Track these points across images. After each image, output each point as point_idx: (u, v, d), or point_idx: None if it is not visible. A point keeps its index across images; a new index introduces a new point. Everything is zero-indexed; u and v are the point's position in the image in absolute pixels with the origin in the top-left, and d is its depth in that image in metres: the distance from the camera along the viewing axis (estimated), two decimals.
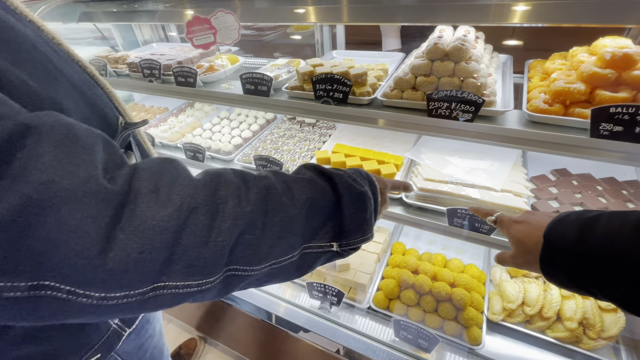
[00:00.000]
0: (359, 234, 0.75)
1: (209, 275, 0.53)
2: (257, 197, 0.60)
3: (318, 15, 1.46)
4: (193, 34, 1.57)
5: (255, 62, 2.11)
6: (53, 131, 0.44)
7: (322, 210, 0.70)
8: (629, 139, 0.92)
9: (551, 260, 0.67)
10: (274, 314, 1.74)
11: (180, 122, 2.37)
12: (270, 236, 0.60)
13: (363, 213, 0.75)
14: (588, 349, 1.36)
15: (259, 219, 0.59)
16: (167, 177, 0.52)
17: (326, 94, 1.35)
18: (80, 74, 0.74)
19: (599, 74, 1.03)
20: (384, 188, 0.94)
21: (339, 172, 0.77)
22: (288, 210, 0.63)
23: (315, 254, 0.71)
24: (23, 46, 0.56)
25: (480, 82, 1.14)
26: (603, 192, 1.35)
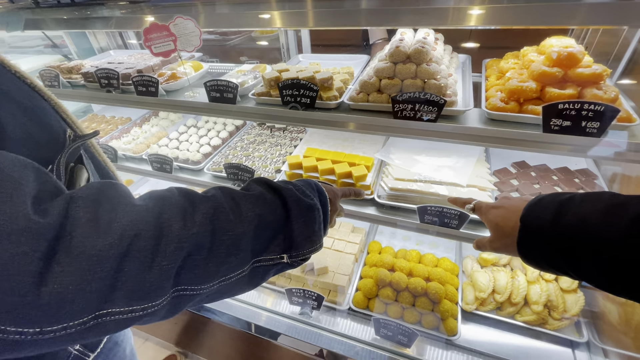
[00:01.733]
0: (308, 245, 0.77)
1: (155, 299, 0.52)
2: (203, 218, 0.59)
3: (281, 21, 1.45)
4: (152, 42, 1.51)
5: (221, 68, 2.06)
6: None
7: (272, 225, 0.71)
8: (576, 132, 0.99)
9: (528, 243, 0.69)
10: (254, 323, 1.71)
11: (144, 132, 2.27)
12: (219, 255, 0.60)
13: (312, 225, 0.78)
14: (554, 329, 1.45)
15: (206, 239, 0.59)
16: (107, 204, 0.51)
17: (293, 99, 1.34)
18: (20, 85, 0.70)
19: (547, 72, 1.10)
20: (334, 197, 0.97)
21: (287, 187, 0.79)
22: (236, 228, 0.64)
23: (266, 267, 0.72)
24: None
25: (442, 82, 1.18)
26: (558, 182, 1.45)
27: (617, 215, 0.57)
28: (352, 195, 1.14)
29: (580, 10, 1.00)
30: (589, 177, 1.45)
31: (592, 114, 0.95)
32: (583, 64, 1.09)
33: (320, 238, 0.82)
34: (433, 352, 1.48)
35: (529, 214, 0.71)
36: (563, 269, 0.65)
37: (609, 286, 0.59)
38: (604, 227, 0.57)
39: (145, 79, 1.63)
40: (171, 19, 1.45)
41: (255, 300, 1.82)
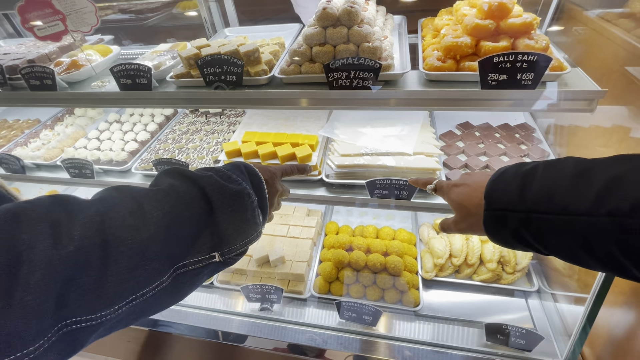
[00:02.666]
0: (241, 237, 0.68)
1: (28, 345, 0.41)
2: (84, 230, 0.47)
3: None
4: (33, 23, 1.24)
5: (136, 52, 1.80)
6: None
7: (191, 221, 0.61)
8: (513, 85, 0.95)
9: (494, 221, 0.64)
10: (213, 329, 1.58)
11: (57, 134, 1.96)
12: (117, 272, 0.49)
13: (242, 214, 0.68)
14: (508, 283, 1.50)
15: (93, 255, 0.47)
16: None
17: (217, 78, 1.18)
18: None
19: (480, 25, 1.04)
20: (271, 178, 0.87)
21: (206, 174, 0.68)
22: (138, 234, 0.52)
23: (193, 271, 0.62)
24: None
25: (375, 45, 1.08)
26: (501, 139, 1.45)
27: (584, 184, 0.52)
28: (296, 173, 1.02)
29: None
30: (528, 130, 1.47)
31: (526, 64, 0.91)
32: (514, 14, 1.05)
33: (257, 226, 0.72)
34: (400, 326, 1.47)
35: (493, 190, 0.65)
36: (532, 245, 0.61)
37: (579, 260, 0.56)
38: (571, 200, 0.52)
39: (36, 71, 1.35)
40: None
41: (211, 304, 1.68)
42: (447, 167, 1.34)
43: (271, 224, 1.87)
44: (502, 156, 1.37)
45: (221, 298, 1.69)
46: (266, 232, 1.82)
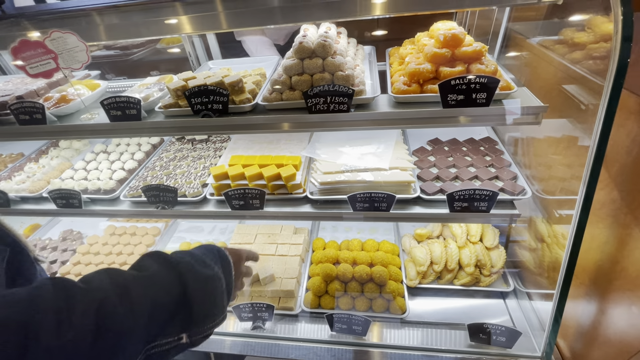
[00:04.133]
0: (209, 321, 0.75)
1: None
2: (82, 318, 0.54)
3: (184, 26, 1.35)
4: (26, 62, 1.31)
5: (123, 85, 1.88)
6: None
7: (168, 306, 0.68)
8: (470, 104, 1.09)
9: None
10: (204, 351, 1.58)
11: (42, 167, 1.98)
12: (101, 356, 0.55)
13: (212, 298, 0.75)
14: (486, 285, 1.60)
15: (85, 342, 0.53)
16: None
17: (204, 107, 1.27)
18: None
19: (438, 53, 1.19)
20: (238, 260, 0.96)
21: (184, 259, 0.75)
22: (126, 321, 0.59)
23: (162, 352, 0.67)
24: None
25: (348, 73, 1.21)
26: (467, 152, 1.59)
27: None
28: (252, 259, 1.10)
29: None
30: (491, 143, 1.62)
31: (479, 85, 1.05)
32: (466, 43, 1.21)
33: (223, 309, 0.80)
34: (390, 334, 1.52)
35: None
36: None
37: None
38: None
39: (26, 106, 1.41)
40: (46, 35, 1.27)
41: None
42: (420, 179, 1.46)
43: (260, 244, 1.91)
44: (470, 167, 1.50)
45: None
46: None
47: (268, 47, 2.32)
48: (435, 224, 1.82)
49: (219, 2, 1.31)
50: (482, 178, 1.43)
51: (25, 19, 1.46)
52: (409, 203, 1.38)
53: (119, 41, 2.34)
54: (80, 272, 1.95)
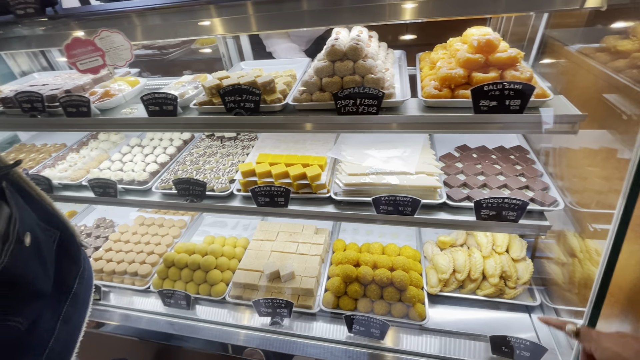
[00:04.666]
0: None
1: None
2: None
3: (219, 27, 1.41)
4: (76, 58, 1.41)
5: (160, 83, 1.97)
6: None
7: None
8: (502, 110, 1.07)
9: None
10: (223, 342, 1.63)
11: (82, 157, 2.10)
12: None
13: None
14: (510, 297, 1.55)
15: None
16: None
17: (237, 105, 1.32)
18: None
19: (471, 59, 1.18)
20: None
21: None
22: None
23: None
24: None
25: (379, 76, 1.22)
26: (497, 160, 1.56)
27: None
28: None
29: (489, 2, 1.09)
30: (522, 152, 1.58)
31: (512, 92, 1.04)
32: (500, 49, 1.19)
33: None
34: (407, 340, 1.50)
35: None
36: None
37: None
38: None
39: (74, 99, 1.51)
40: (96, 33, 1.36)
41: (223, 318, 1.73)
42: (447, 185, 1.44)
43: (281, 242, 1.95)
44: (499, 175, 1.46)
45: (232, 313, 1.75)
46: (276, 249, 1.90)
47: (297, 53, 2.40)
48: (460, 232, 1.78)
49: (250, 5, 1.35)
50: (511, 187, 1.39)
51: (73, 19, 1.57)
52: (434, 209, 1.37)
53: (157, 41, 2.47)
54: (111, 258, 2.06)
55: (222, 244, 2.03)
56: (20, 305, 0.72)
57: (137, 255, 2.05)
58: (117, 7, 1.51)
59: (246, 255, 1.91)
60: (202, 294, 1.82)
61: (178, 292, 1.76)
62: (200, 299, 1.84)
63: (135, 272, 1.96)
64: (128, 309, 1.90)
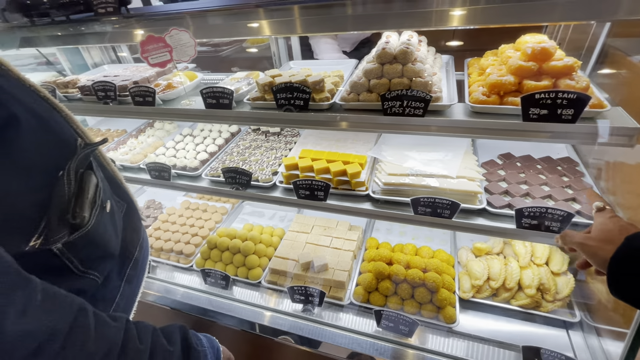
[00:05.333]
0: None
1: None
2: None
3: (271, 28, 1.51)
4: (148, 53, 1.57)
5: (214, 78, 2.12)
6: None
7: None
8: (553, 119, 1.06)
9: (625, 256, 0.76)
10: (257, 323, 1.73)
11: (140, 142, 2.31)
12: None
13: None
14: (547, 311, 1.51)
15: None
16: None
17: (287, 102, 1.40)
18: (35, 98, 0.75)
19: (524, 66, 1.18)
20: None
21: (195, 352, 0.84)
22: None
23: None
24: None
25: (427, 80, 1.25)
26: (542, 170, 1.52)
27: None
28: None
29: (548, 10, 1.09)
30: (571, 164, 1.53)
31: (566, 101, 1.03)
32: (556, 58, 1.18)
33: None
34: (434, 340, 1.52)
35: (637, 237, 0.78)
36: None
37: None
38: None
39: (142, 90, 1.68)
40: (165, 31, 1.51)
41: (257, 300, 1.85)
42: (488, 192, 1.43)
43: (316, 235, 2.03)
44: (544, 186, 1.44)
45: (266, 297, 1.86)
46: (311, 241, 1.98)
47: (336, 52, 2.48)
48: (497, 241, 1.76)
49: (302, 9, 1.43)
50: (556, 198, 1.36)
51: (143, 19, 1.74)
52: (473, 214, 1.37)
53: (212, 40, 2.64)
54: (159, 236, 2.25)
55: (260, 232, 2.15)
56: (97, 263, 0.82)
57: (183, 235, 2.23)
58: (179, 9, 1.67)
59: (282, 244, 2.01)
60: (240, 277, 1.95)
61: (219, 272, 1.89)
62: (237, 281, 1.97)
63: (180, 250, 2.13)
64: (171, 283, 2.07)
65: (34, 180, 0.67)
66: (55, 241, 0.68)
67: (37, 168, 0.68)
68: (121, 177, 1.09)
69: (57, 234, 0.68)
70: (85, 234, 0.74)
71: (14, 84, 0.71)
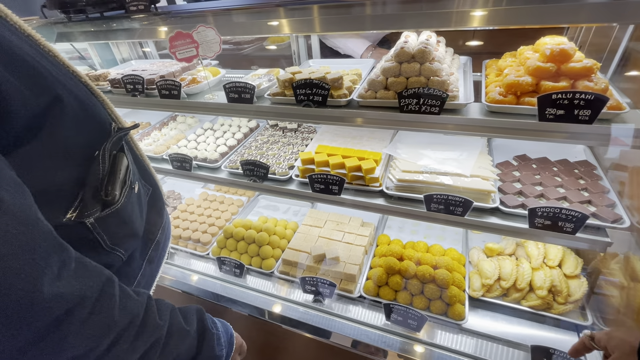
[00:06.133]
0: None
1: None
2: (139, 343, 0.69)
3: (293, 27, 1.57)
4: (176, 49, 1.65)
5: (236, 74, 2.20)
6: None
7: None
8: (570, 120, 1.07)
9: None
10: (268, 310, 1.79)
11: (163, 135, 2.41)
12: None
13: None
14: (558, 313, 1.51)
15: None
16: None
17: (306, 97, 1.45)
18: (77, 82, 0.82)
19: (542, 67, 1.19)
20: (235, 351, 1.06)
21: (209, 334, 0.88)
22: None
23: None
24: (15, 56, 0.62)
25: (444, 79, 1.28)
26: (558, 172, 1.52)
27: None
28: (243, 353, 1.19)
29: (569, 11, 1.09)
30: (588, 167, 1.52)
31: (583, 102, 1.04)
32: (575, 59, 1.18)
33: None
34: (442, 336, 1.54)
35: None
36: None
37: None
38: None
39: (168, 83, 1.76)
40: (192, 28, 1.59)
41: (270, 289, 1.91)
42: (501, 192, 1.44)
43: (328, 229, 2.07)
44: (559, 188, 1.43)
45: (276, 286, 1.92)
46: (324, 235, 2.03)
47: (364, 45, 2.51)
48: (509, 242, 1.76)
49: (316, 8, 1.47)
50: (571, 200, 1.36)
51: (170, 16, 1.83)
52: (485, 213, 1.39)
53: (235, 37, 2.73)
54: (178, 225, 2.34)
55: (274, 224, 2.21)
56: (124, 241, 0.87)
57: (200, 225, 2.31)
58: (204, 7, 1.75)
59: (295, 237, 2.07)
60: (254, 266, 2.02)
61: (234, 260, 1.97)
62: (251, 270, 2.03)
63: (198, 239, 2.21)
64: (188, 269, 2.16)
65: (72, 158, 0.72)
66: (89, 215, 0.73)
67: (77, 146, 0.74)
68: (148, 162, 1.15)
69: (91, 209, 0.74)
70: (115, 211, 0.79)
71: (60, 70, 0.77)
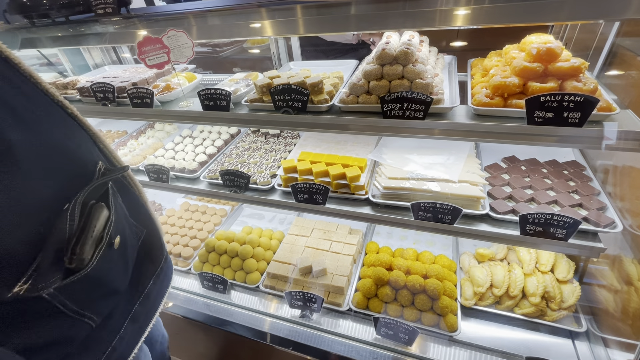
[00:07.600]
0: None
1: None
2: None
3: (272, 29, 1.48)
4: (145, 54, 1.55)
5: (214, 79, 2.10)
6: None
7: None
8: (559, 123, 1.02)
9: None
10: (255, 328, 1.71)
11: (140, 144, 2.30)
12: None
13: None
14: (552, 320, 1.46)
15: None
16: None
17: (285, 104, 1.37)
18: (60, 113, 0.69)
19: (528, 67, 1.13)
20: None
21: None
22: None
23: None
24: None
25: (428, 82, 1.21)
26: (548, 174, 1.48)
27: None
28: None
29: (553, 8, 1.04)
30: (578, 168, 1.48)
31: (572, 104, 0.99)
32: (562, 58, 1.13)
33: None
34: (435, 349, 1.48)
35: None
36: None
37: None
38: None
39: (140, 91, 1.66)
40: (164, 32, 1.49)
41: (255, 305, 1.82)
42: (491, 197, 1.39)
43: (315, 238, 1.99)
44: (549, 191, 1.39)
45: (262, 301, 1.83)
46: (310, 245, 1.95)
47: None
48: (500, 247, 1.71)
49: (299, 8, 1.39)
50: (562, 204, 1.31)
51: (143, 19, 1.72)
52: (475, 219, 1.33)
53: (212, 40, 2.63)
54: None
55: (259, 235, 2.12)
56: (97, 302, 0.72)
57: (181, 238, 2.21)
58: (179, 9, 1.64)
59: (281, 248, 1.98)
60: (237, 281, 1.92)
61: (217, 276, 1.87)
62: (235, 285, 1.94)
63: (179, 253, 2.11)
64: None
65: (29, 214, 0.57)
66: (45, 287, 0.59)
67: (36, 200, 0.58)
68: (146, 199, 0.99)
69: (48, 279, 0.59)
70: (84, 276, 0.64)
71: (35, 103, 0.64)
